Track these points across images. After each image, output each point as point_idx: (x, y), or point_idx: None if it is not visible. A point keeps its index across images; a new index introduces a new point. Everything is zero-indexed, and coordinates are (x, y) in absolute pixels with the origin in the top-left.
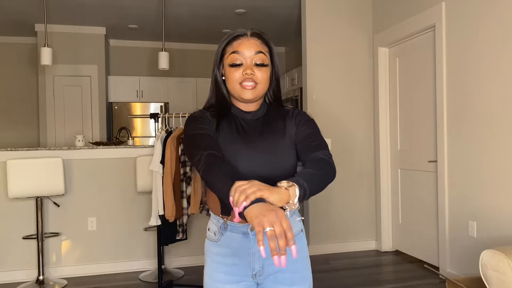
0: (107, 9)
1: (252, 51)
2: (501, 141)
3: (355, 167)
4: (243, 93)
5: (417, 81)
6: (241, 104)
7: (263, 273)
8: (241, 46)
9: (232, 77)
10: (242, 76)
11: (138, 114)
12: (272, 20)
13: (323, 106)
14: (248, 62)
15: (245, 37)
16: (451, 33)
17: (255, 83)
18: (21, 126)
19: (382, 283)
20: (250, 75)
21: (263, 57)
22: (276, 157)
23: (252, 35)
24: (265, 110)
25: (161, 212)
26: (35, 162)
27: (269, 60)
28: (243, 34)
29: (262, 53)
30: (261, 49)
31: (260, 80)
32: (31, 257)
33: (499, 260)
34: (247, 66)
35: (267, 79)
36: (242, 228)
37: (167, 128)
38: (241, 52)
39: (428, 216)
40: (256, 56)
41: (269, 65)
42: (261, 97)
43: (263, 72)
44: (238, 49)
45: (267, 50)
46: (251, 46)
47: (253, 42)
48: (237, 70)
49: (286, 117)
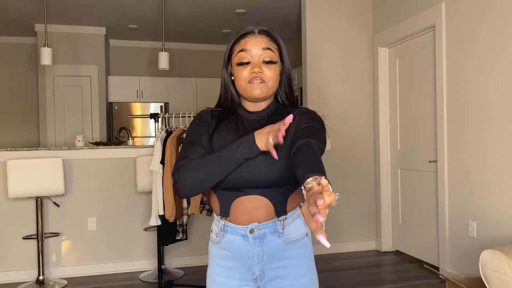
0: (107, 9)
1: (259, 49)
2: (501, 141)
3: (355, 167)
4: (251, 90)
5: (417, 81)
6: (248, 104)
7: (264, 278)
8: (248, 44)
9: (240, 76)
10: (250, 75)
11: (138, 114)
12: (272, 20)
13: (323, 106)
14: (255, 60)
15: (252, 34)
16: (451, 33)
17: (263, 81)
18: (21, 126)
19: (382, 283)
20: (258, 73)
21: (271, 54)
22: (279, 161)
23: (259, 32)
24: (272, 110)
25: (161, 212)
26: (35, 162)
27: (278, 57)
28: (250, 32)
29: (270, 50)
30: (269, 46)
31: (268, 78)
32: (31, 257)
33: (499, 260)
34: (254, 64)
35: (276, 77)
36: (241, 231)
37: (167, 128)
38: (248, 50)
39: (428, 216)
40: (263, 53)
41: (277, 62)
42: (271, 96)
43: (272, 69)
44: (245, 47)
45: (275, 47)
46: (258, 43)
47: (261, 39)
48: (245, 68)
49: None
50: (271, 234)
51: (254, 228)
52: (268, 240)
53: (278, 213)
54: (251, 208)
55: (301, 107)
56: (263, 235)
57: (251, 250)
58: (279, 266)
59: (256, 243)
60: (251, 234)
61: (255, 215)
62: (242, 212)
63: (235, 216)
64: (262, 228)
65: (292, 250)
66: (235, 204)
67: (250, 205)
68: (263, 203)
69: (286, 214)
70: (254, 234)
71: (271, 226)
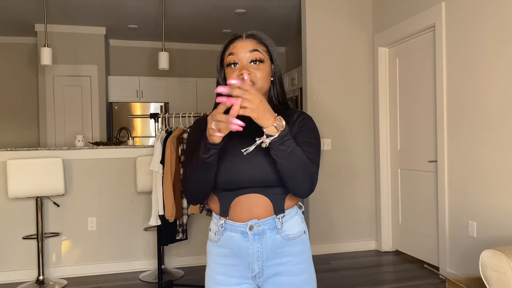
0: (107, 9)
1: (246, 51)
2: (501, 141)
3: (355, 167)
4: None
5: (417, 81)
6: None
7: (263, 275)
8: (236, 47)
9: (229, 78)
10: (238, 77)
11: (138, 114)
12: (272, 20)
13: (323, 106)
14: (243, 62)
15: (240, 39)
16: (451, 33)
17: (252, 83)
18: (21, 126)
19: (382, 283)
20: None
21: (258, 54)
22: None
23: (247, 36)
24: None
25: (161, 212)
26: (35, 162)
27: (267, 58)
28: (238, 36)
29: (258, 51)
30: (256, 48)
31: (258, 78)
32: (31, 257)
33: (499, 260)
34: (242, 66)
35: (265, 77)
36: (240, 228)
37: (167, 128)
38: (236, 54)
39: (428, 216)
40: (251, 55)
41: (265, 61)
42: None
43: (261, 70)
44: (233, 51)
45: (264, 49)
46: (246, 46)
47: (248, 43)
48: (234, 71)
49: (289, 120)
50: (270, 230)
51: (253, 225)
52: (267, 237)
53: (276, 211)
54: (250, 206)
55: (299, 110)
56: (262, 231)
57: (251, 247)
58: (278, 263)
59: (255, 239)
60: (251, 231)
61: (254, 213)
62: (241, 210)
63: (235, 214)
64: (261, 224)
65: (290, 247)
66: (234, 203)
67: (250, 203)
68: (262, 201)
69: (284, 212)
70: (254, 231)
71: (270, 223)
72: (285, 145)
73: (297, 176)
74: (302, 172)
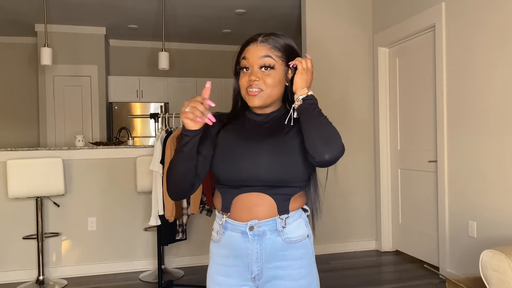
0: (107, 9)
1: (258, 57)
2: (501, 141)
3: (355, 167)
4: (249, 101)
5: (417, 81)
6: (256, 107)
7: (262, 277)
8: (249, 51)
9: (241, 83)
10: (247, 83)
11: (138, 114)
12: (272, 20)
13: (322, 106)
14: (254, 68)
15: (254, 43)
16: (451, 33)
17: (260, 90)
18: (21, 126)
19: (382, 283)
20: (253, 81)
21: (270, 60)
22: (283, 160)
23: (262, 40)
24: (281, 114)
25: (161, 212)
26: (35, 162)
27: (279, 63)
28: (253, 40)
29: (270, 57)
30: (269, 53)
31: (267, 85)
32: (31, 257)
33: (499, 260)
34: (252, 72)
35: (276, 84)
36: (240, 227)
37: (167, 128)
38: (248, 58)
39: (428, 216)
40: (261, 61)
41: (277, 67)
42: (275, 102)
43: (271, 76)
44: (246, 55)
45: (277, 54)
46: (258, 51)
47: (261, 47)
48: (245, 75)
49: None
50: (270, 232)
51: (253, 225)
52: (267, 239)
53: (280, 212)
54: (252, 205)
55: None
56: (263, 233)
57: (250, 248)
58: (278, 266)
59: (255, 240)
60: (251, 231)
61: (255, 212)
62: (242, 209)
63: (236, 212)
64: (262, 225)
65: (292, 250)
66: (236, 200)
67: (251, 202)
68: (264, 200)
69: (288, 213)
70: (254, 231)
71: (270, 224)
72: (314, 105)
73: (330, 133)
74: (333, 131)
